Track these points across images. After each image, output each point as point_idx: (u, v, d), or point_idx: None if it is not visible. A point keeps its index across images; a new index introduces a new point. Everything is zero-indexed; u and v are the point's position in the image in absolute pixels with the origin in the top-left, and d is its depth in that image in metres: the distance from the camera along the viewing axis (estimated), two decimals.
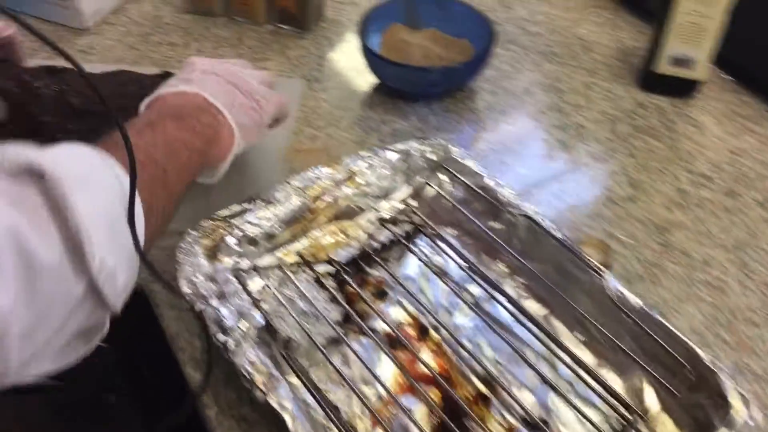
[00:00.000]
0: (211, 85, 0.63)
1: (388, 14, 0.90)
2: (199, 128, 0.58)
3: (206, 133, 0.59)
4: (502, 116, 0.85)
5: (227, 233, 0.64)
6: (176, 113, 0.57)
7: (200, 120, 0.59)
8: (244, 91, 0.65)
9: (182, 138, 0.56)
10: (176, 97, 0.60)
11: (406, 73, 0.81)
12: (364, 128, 0.82)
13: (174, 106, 0.59)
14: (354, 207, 0.71)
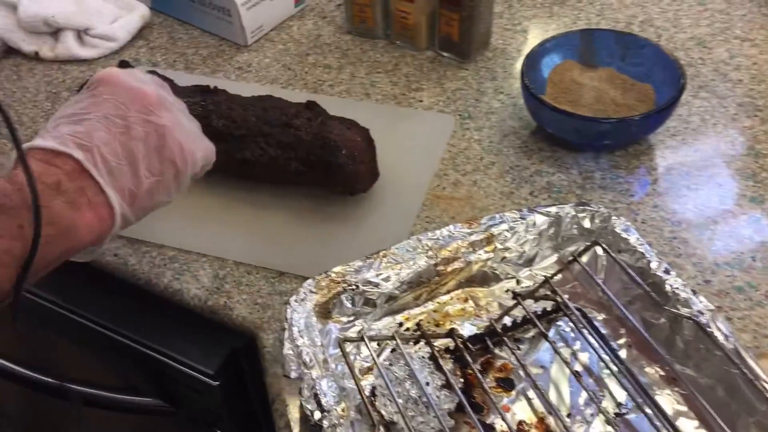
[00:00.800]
0: (103, 133, 0.47)
1: (560, 48, 0.80)
2: (26, 229, 0.42)
3: (44, 232, 0.43)
4: (683, 179, 0.72)
5: (343, 291, 0.58)
6: (5, 203, 0.43)
7: (45, 212, 0.43)
8: (159, 134, 0.50)
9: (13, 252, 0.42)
10: (39, 162, 0.45)
11: (571, 122, 0.71)
12: (515, 178, 0.73)
13: (17, 185, 0.43)
14: (489, 273, 0.63)
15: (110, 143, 0.48)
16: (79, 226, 0.46)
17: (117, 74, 0.51)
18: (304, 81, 0.87)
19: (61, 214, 0.45)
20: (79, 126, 0.48)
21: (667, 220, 0.68)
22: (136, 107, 0.49)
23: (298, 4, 0.98)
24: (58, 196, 0.45)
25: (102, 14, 0.93)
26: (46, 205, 0.43)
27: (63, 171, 0.46)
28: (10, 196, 0.43)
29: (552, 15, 0.94)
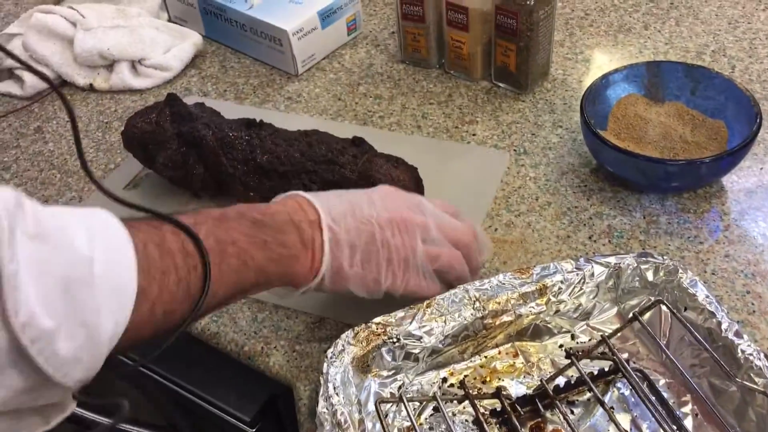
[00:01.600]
0: (349, 217, 0.54)
1: (624, 80, 0.75)
2: (272, 243, 0.50)
3: (277, 250, 0.51)
4: (758, 226, 0.66)
5: (383, 344, 0.55)
6: (261, 219, 0.51)
7: (281, 235, 0.51)
8: (388, 246, 0.55)
9: (242, 246, 0.49)
10: (293, 203, 0.54)
11: (635, 162, 0.66)
12: (572, 220, 0.69)
13: (272, 210, 0.53)
14: (542, 326, 0.59)
15: (349, 223, 0.54)
16: (299, 259, 0.52)
17: (391, 190, 0.58)
18: (354, 112, 0.85)
19: (294, 244, 0.52)
20: (335, 198, 0.56)
21: (740, 272, 0.62)
22: (383, 218, 0.55)
23: (351, 32, 0.96)
24: (296, 231, 0.52)
25: (156, 44, 0.93)
26: (285, 231, 0.52)
27: (307, 218, 0.53)
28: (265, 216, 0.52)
29: (616, 44, 0.89)
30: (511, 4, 0.77)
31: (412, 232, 0.56)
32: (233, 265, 0.48)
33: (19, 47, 0.94)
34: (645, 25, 0.91)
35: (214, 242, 0.47)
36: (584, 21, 0.94)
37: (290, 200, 0.55)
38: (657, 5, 0.94)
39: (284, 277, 0.52)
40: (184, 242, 0.45)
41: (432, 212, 0.57)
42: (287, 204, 0.54)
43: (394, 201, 0.57)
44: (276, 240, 0.51)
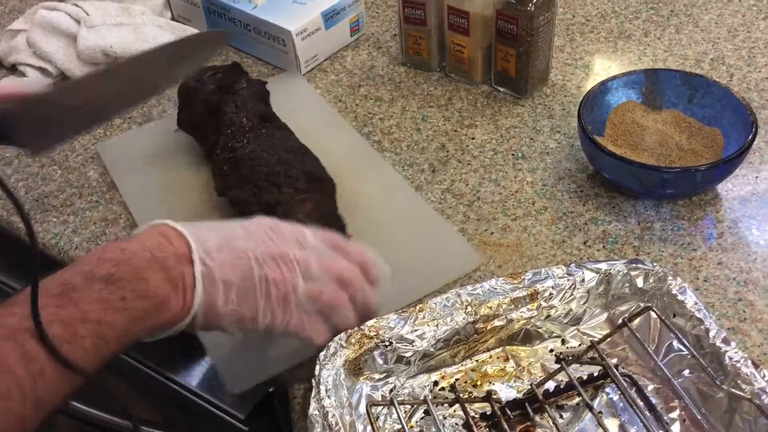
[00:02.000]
0: (225, 250, 0.51)
1: (622, 87, 0.75)
2: (132, 298, 0.45)
3: (139, 305, 0.46)
4: (751, 235, 0.67)
5: (375, 347, 0.56)
6: (114, 272, 0.45)
7: (141, 284, 0.46)
8: (266, 282, 0.51)
9: (95, 318, 0.44)
10: (158, 235, 0.49)
11: (630, 169, 0.67)
12: (568, 225, 0.69)
13: (127, 254, 0.47)
14: (533, 331, 0.59)
15: (224, 257, 0.50)
16: (169, 304, 0.48)
17: (269, 222, 0.55)
18: (355, 113, 0.85)
19: (158, 288, 0.47)
20: (210, 230, 0.52)
21: (732, 280, 0.63)
22: (259, 252, 0.51)
23: (354, 34, 0.96)
24: (159, 271, 0.47)
25: (159, 42, 0.93)
26: (145, 278, 0.46)
27: (175, 252, 0.49)
28: (119, 266, 0.46)
29: (616, 50, 0.90)
30: (511, 10, 0.77)
31: (292, 268, 0.52)
32: (88, 345, 0.43)
33: (23, 43, 0.94)
34: (645, 32, 0.92)
35: (60, 328, 0.42)
36: (585, 27, 0.94)
37: (155, 232, 0.50)
38: (657, 12, 0.95)
39: (154, 328, 0.48)
40: (24, 343, 0.40)
41: (314, 246, 0.54)
42: (149, 239, 0.49)
43: (273, 233, 0.53)
44: (137, 293, 0.46)
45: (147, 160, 0.81)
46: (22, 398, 0.40)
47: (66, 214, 0.76)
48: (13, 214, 0.79)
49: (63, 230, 0.74)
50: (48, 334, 0.41)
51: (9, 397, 0.39)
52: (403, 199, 0.73)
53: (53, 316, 0.42)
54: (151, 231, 0.50)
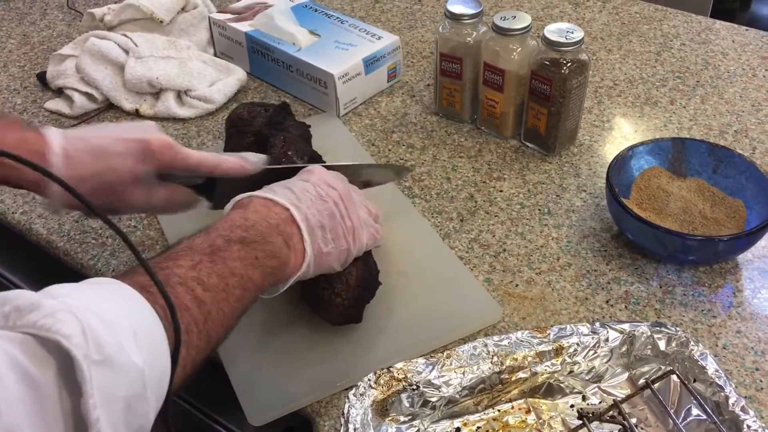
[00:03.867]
0: (308, 202, 0.61)
1: (649, 153, 0.78)
2: (263, 257, 0.55)
3: (269, 263, 0.55)
4: None
5: (403, 390, 0.58)
6: (246, 236, 0.55)
7: (268, 246, 0.56)
8: (344, 216, 0.62)
9: (240, 273, 0.52)
10: (262, 206, 0.59)
11: (655, 233, 0.69)
12: (591, 283, 0.71)
13: (251, 222, 0.56)
14: (555, 385, 0.61)
15: (311, 208, 0.60)
16: (289, 263, 0.58)
17: (321, 170, 0.65)
18: (387, 158, 0.88)
19: (281, 249, 0.57)
20: (289, 191, 0.61)
21: (750, 349, 0.65)
22: (333, 195, 0.62)
23: (390, 80, 1.00)
24: (278, 235, 0.57)
25: (202, 77, 0.97)
26: (270, 240, 0.56)
27: (280, 217, 0.58)
28: (248, 231, 0.55)
29: (642, 115, 0.93)
30: (546, 71, 0.80)
31: (354, 203, 0.64)
32: (238, 294, 0.52)
33: (71, 68, 0.98)
34: (671, 100, 0.95)
35: (217, 279, 0.50)
36: (613, 91, 0.97)
37: (257, 203, 0.59)
38: (683, 82, 0.98)
39: (277, 283, 0.58)
40: (194, 290, 0.48)
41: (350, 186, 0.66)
42: (258, 209, 0.58)
43: (327, 182, 0.63)
44: (266, 253, 0.55)
45: None
46: (198, 333, 0.47)
47: (104, 236, 0.79)
48: (16, 211, 0.81)
49: (101, 252, 0.77)
50: (208, 284, 0.49)
51: (190, 330, 0.46)
52: (431, 248, 0.75)
53: (210, 270, 0.50)
54: (254, 203, 0.59)
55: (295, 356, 0.66)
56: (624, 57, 1.04)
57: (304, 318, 0.69)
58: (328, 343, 0.67)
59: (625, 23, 1.11)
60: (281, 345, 0.67)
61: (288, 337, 0.67)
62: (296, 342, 0.67)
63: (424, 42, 1.09)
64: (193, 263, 0.50)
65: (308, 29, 0.99)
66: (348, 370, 0.64)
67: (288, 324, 0.69)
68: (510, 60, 0.83)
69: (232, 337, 0.63)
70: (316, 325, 0.68)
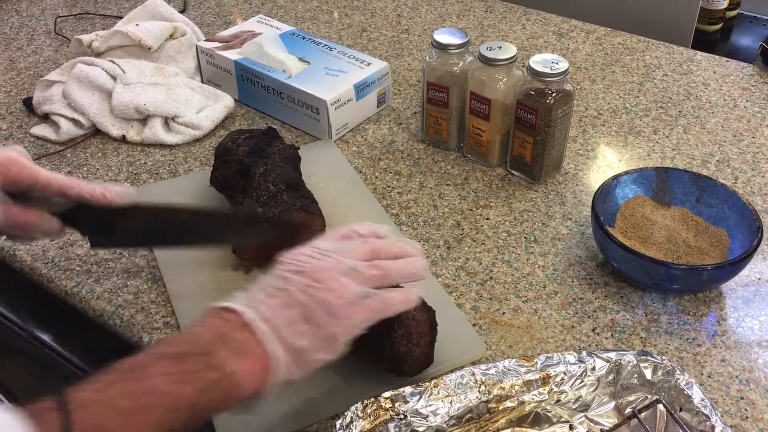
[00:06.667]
0: (264, 298, 0.54)
1: (633, 182, 0.79)
2: (201, 370, 0.49)
3: (207, 376, 0.49)
4: (754, 335, 0.69)
5: (390, 419, 0.57)
6: (181, 350, 0.50)
7: (211, 357, 0.49)
8: (318, 301, 0.54)
9: (164, 390, 0.47)
10: (215, 316, 0.53)
11: (640, 262, 0.70)
12: (577, 311, 0.72)
13: (196, 335, 0.52)
14: (542, 414, 0.61)
15: (270, 305, 0.53)
16: (240, 373, 0.50)
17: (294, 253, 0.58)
18: (374, 185, 0.89)
19: (226, 359, 0.50)
20: (247, 292, 0.55)
21: (734, 378, 0.65)
22: (296, 282, 0.55)
23: (380, 105, 1.01)
24: (224, 344, 0.51)
25: (190, 103, 0.97)
26: (212, 350, 0.50)
27: (232, 324, 0.52)
28: (186, 344, 0.51)
29: (626, 144, 0.94)
30: (532, 101, 0.81)
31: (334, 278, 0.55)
32: (159, 415, 0.46)
33: (58, 94, 0.98)
34: (654, 130, 0.96)
35: (129, 401, 0.45)
36: (597, 120, 0.99)
37: (211, 313, 0.53)
38: (666, 112, 1.00)
39: (230, 398, 0.50)
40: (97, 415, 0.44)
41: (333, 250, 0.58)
42: (209, 321, 0.53)
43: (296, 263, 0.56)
44: (203, 364, 0.49)
45: None
46: None
47: (89, 263, 0.78)
48: None
49: (85, 279, 0.76)
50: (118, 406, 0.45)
51: None
52: None
53: (122, 390, 0.46)
54: (208, 314, 0.53)
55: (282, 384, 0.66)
56: (608, 87, 1.05)
57: None
58: (316, 374, 0.66)
59: (608, 54, 1.13)
60: None
61: None
62: None
63: (411, 70, 1.10)
64: (103, 385, 0.46)
65: (297, 56, 1.00)
66: (330, 400, 0.64)
67: None
68: (496, 89, 0.84)
69: None
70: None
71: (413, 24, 1.22)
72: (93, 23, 1.25)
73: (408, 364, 0.63)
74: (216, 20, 1.25)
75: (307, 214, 0.75)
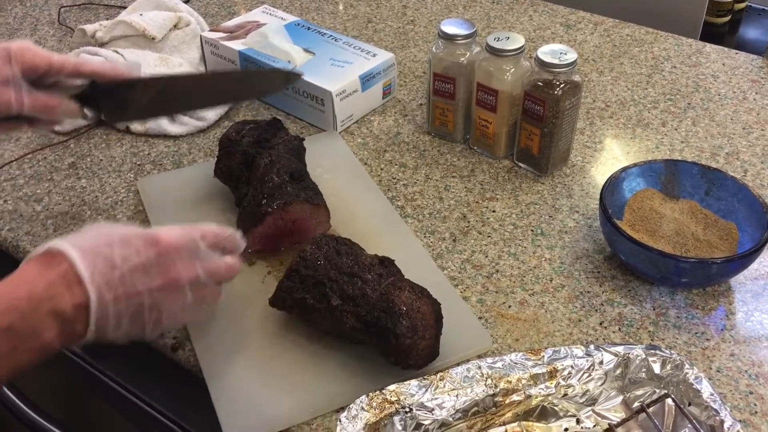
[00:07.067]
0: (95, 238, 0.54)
1: (641, 175, 0.78)
2: (19, 351, 0.50)
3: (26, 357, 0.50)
4: (763, 329, 0.68)
5: (396, 412, 0.57)
6: (14, 326, 0.49)
7: (35, 340, 0.50)
8: None
9: None
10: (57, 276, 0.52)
11: (648, 255, 0.69)
12: (584, 305, 0.71)
13: (32, 305, 0.50)
14: (549, 408, 0.60)
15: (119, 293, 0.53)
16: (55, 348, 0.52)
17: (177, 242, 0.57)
18: (379, 177, 0.88)
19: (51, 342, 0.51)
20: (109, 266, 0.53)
21: (744, 372, 0.64)
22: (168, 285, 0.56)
23: (385, 97, 1.00)
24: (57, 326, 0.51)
25: None
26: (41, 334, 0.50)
27: (72, 300, 0.51)
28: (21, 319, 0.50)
29: (634, 137, 0.93)
30: (539, 92, 0.81)
31: (182, 289, 0.57)
32: None
33: None
34: (663, 122, 0.95)
35: None
36: (605, 112, 0.98)
37: (59, 273, 0.52)
38: (675, 104, 0.99)
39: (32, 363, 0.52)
40: None
41: (205, 254, 0.59)
42: (55, 284, 0.51)
43: (170, 257, 0.56)
44: (27, 345, 0.50)
45: (181, 203, 0.83)
46: None
47: None
48: (2, 228, 0.80)
49: None
50: None
51: None
52: (423, 269, 0.74)
53: None
54: (57, 272, 0.52)
55: (283, 376, 0.65)
56: (615, 79, 1.04)
57: (296, 339, 0.68)
58: (316, 365, 0.66)
59: (616, 45, 1.12)
60: (268, 364, 0.66)
61: (276, 357, 0.67)
62: (284, 362, 0.66)
63: (417, 62, 1.09)
64: None
65: (302, 47, 0.99)
66: (335, 392, 0.63)
67: (277, 343, 0.68)
68: (503, 80, 0.83)
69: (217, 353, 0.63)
70: (305, 346, 0.67)
71: (419, 15, 1.21)
72: (97, 13, 1.24)
73: (413, 357, 0.62)
74: (220, 10, 1.24)
75: (311, 206, 0.75)
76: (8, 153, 0.94)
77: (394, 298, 0.63)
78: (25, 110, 0.67)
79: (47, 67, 0.67)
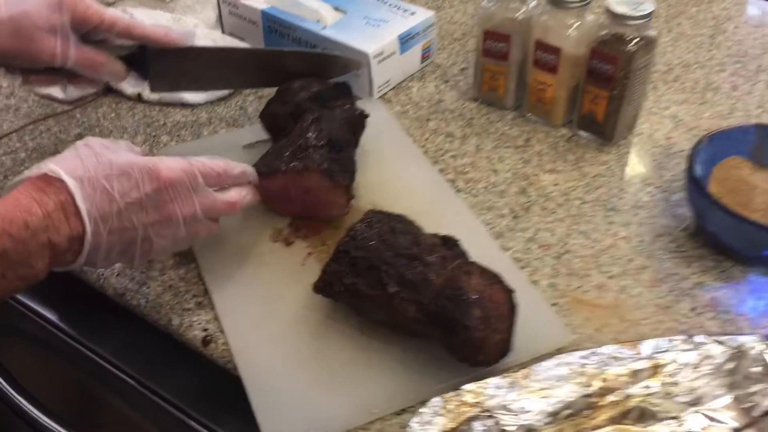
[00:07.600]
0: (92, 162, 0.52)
1: (727, 142, 0.69)
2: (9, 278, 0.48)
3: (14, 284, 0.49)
4: None
5: (475, 417, 0.48)
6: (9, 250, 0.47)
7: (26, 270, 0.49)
8: None
9: None
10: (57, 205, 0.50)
11: (746, 229, 0.60)
12: (672, 288, 0.62)
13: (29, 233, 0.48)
14: (648, 409, 0.51)
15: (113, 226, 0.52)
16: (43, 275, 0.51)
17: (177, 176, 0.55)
18: (425, 148, 0.78)
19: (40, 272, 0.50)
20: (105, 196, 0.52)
21: None
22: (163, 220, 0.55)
23: (424, 61, 0.90)
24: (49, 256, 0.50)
25: None
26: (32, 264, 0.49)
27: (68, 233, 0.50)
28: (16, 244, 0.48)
29: (705, 102, 0.84)
30: (609, 49, 0.71)
31: (176, 225, 0.56)
32: None
33: None
34: (733, 86, 0.86)
35: None
36: (668, 76, 0.88)
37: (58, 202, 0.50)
38: (744, 67, 0.89)
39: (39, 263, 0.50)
40: None
41: (203, 190, 0.57)
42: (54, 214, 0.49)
43: (169, 191, 0.54)
44: (17, 273, 0.49)
45: None
46: None
47: None
48: None
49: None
50: None
51: None
52: (484, 249, 0.64)
53: None
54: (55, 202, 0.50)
55: (331, 373, 0.56)
56: (675, 40, 0.95)
57: (344, 330, 0.59)
58: (368, 360, 0.57)
59: (671, 5, 1.02)
60: (314, 359, 0.58)
61: (322, 350, 0.58)
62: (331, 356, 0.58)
63: (454, 23, 1.00)
64: None
65: (332, 5, 0.89)
66: (395, 391, 0.55)
67: (322, 334, 0.59)
68: (566, 37, 0.74)
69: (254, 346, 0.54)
70: (355, 338, 0.58)
71: None
72: None
73: (484, 352, 0.53)
74: None
75: (330, 181, 0.65)
76: (7, 123, 0.84)
77: (462, 284, 0.54)
78: (70, 63, 0.64)
79: (98, 22, 0.64)
